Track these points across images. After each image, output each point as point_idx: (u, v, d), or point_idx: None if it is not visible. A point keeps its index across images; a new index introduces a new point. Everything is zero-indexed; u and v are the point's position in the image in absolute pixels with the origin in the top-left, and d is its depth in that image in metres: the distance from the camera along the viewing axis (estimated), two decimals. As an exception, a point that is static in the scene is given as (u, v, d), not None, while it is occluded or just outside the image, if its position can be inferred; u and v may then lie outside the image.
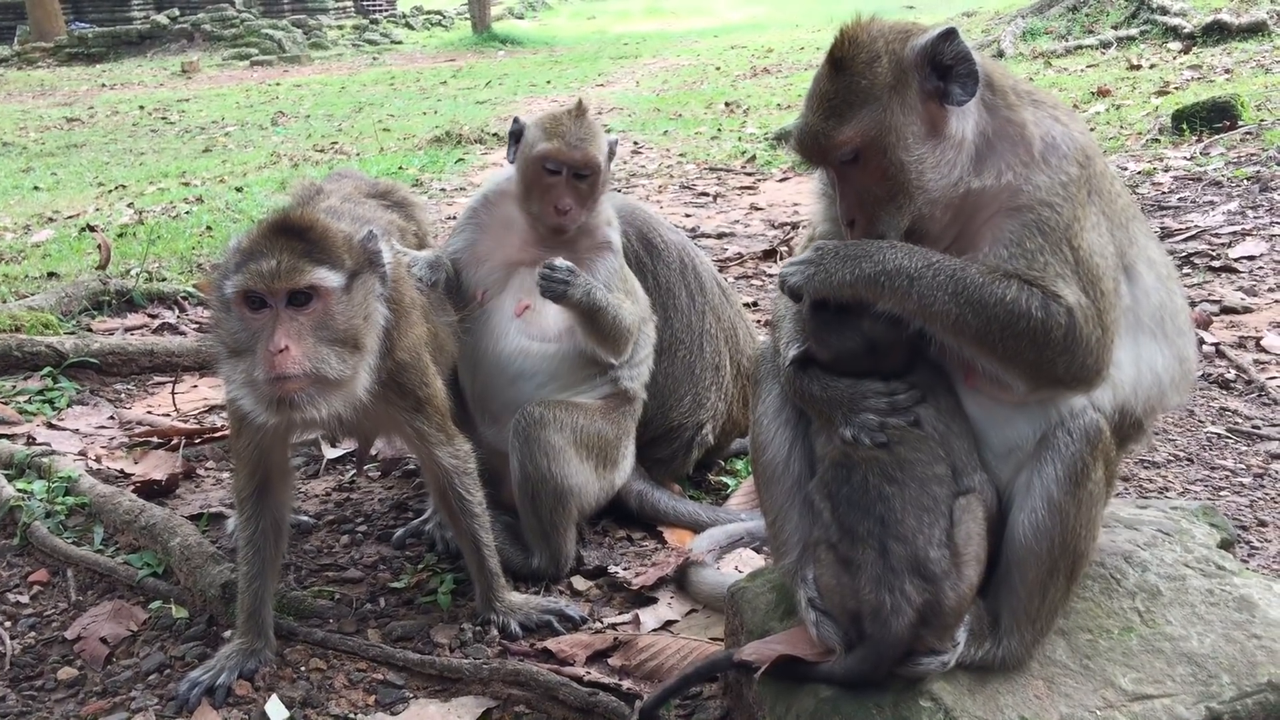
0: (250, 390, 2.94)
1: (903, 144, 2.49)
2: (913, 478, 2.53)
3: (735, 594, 3.08)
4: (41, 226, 10.08)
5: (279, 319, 2.90)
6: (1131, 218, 2.66)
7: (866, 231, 2.58)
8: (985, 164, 2.53)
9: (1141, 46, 17.01)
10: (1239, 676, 2.55)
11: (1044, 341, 2.40)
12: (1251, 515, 3.99)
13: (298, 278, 2.90)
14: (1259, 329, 5.71)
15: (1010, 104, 2.57)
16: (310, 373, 2.90)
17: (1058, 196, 2.47)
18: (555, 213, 3.89)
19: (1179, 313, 2.70)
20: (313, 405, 2.93)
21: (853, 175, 2.57)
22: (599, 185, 3.97)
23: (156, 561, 3.89)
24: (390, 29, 40.93)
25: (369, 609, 3.71)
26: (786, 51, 26.30)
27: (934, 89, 2.51)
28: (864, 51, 2.51)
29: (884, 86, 2.49)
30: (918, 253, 2.48)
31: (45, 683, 3.36)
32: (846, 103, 2.51)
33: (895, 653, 2.48)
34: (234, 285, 2.91)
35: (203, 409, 5.49)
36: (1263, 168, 8.75)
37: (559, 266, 3.71)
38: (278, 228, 2.98)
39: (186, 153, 15.71)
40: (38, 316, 6.17)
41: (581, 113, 3.95)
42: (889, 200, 2.54)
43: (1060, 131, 2.55)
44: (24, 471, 4.54)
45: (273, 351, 2.85)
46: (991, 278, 2.43)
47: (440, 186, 11.45)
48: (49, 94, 26.37)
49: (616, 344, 3.94)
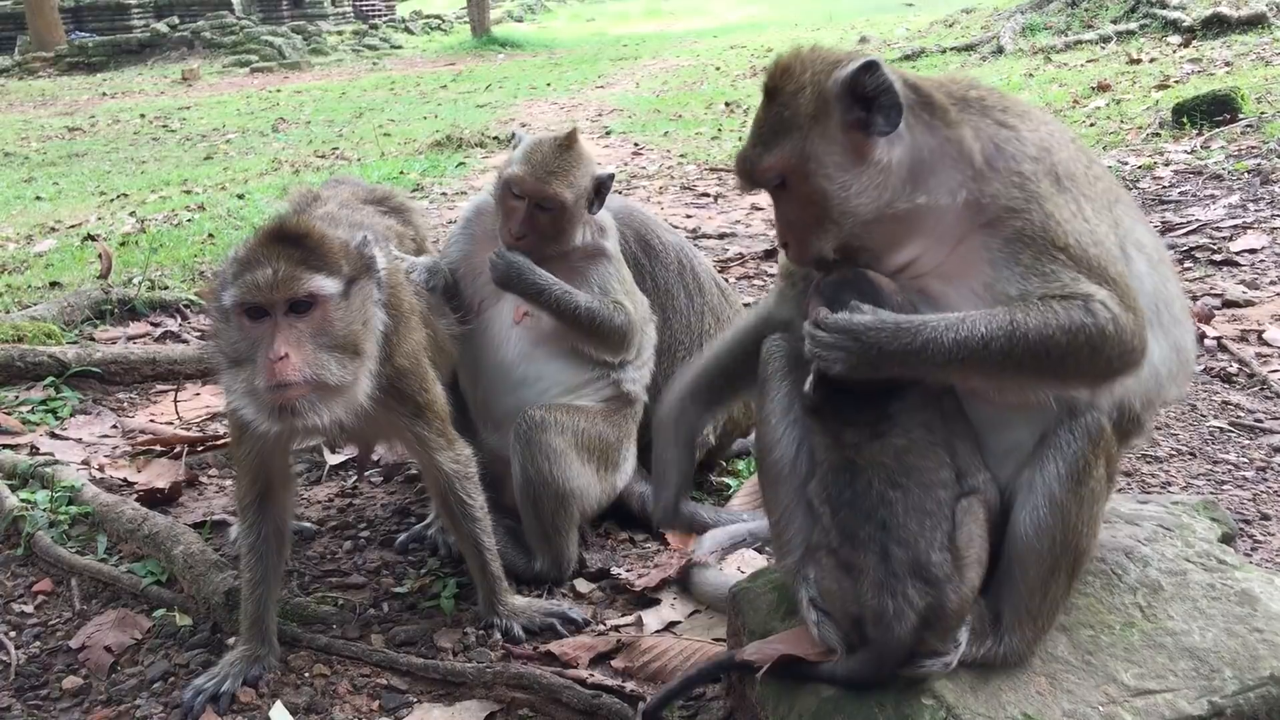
0: (251, 399, 2.94)
1: (823, 172, 2.54)
2: (918, 483, 2.52)
3: (737, 595, 3.08)
4: (44, 236, 10.10)
5: (278, 327, 2.90)
6: (1115, 200, 2.64)
7: (799, 252, 2.68)
8: (926, 184, 2.54)
9: (1141, 41, 17.01)
10: (1241, 670, 2.54)
11: (1100, 343, 2.38)
12: (1254, 509, 3.99)
13: (295, 286, 2.90)
14: (1261, 322, 5.70)
15: (950, 121, 2.57)
16: (311, 380, 2.89)
17: (1017, 200, 2.46)
18: (509, 234, 3.88)
19: (1173, 300, 2.67)
20: (314, 412, 2.93)
21: (783, 200, 2.66)
22: (563, 221, 3.88)
23: (160, 570, 3.90)
24: (390, 34, 40.98)
25: (372, 614, 3.71)
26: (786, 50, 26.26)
27: (856, 120, 2.54)
28: (792, 82, 2.59)
29: (806, 117, 2.56)
30: (951, 320, 2.44)
31: (50, 692, 3.36)
32: (773, 131, 2.60)
33: (898, 656, 2.48)
34: (232, 296, 2.91)
35: (205, 417, 5.49)
36: (1263, 161, 8.73)
37: (502, 255, 3.79)
38: (274, 236, 2.98)
39: (188, 160, 15.74)
40: (40, 326, 6.18)
41: (568, 145, 3.88)
42: (816, 224, 2.60)
43: (1005, 135, 2.54)
44: (27, 481, 4.54)
45: (273, 360, 2.85)
46: (1026, 313, 2.39)
47: (441, 191, 11.46)
48: (50, 103, 26.44)
49: (606, 342, 3.94)
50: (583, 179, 3.90)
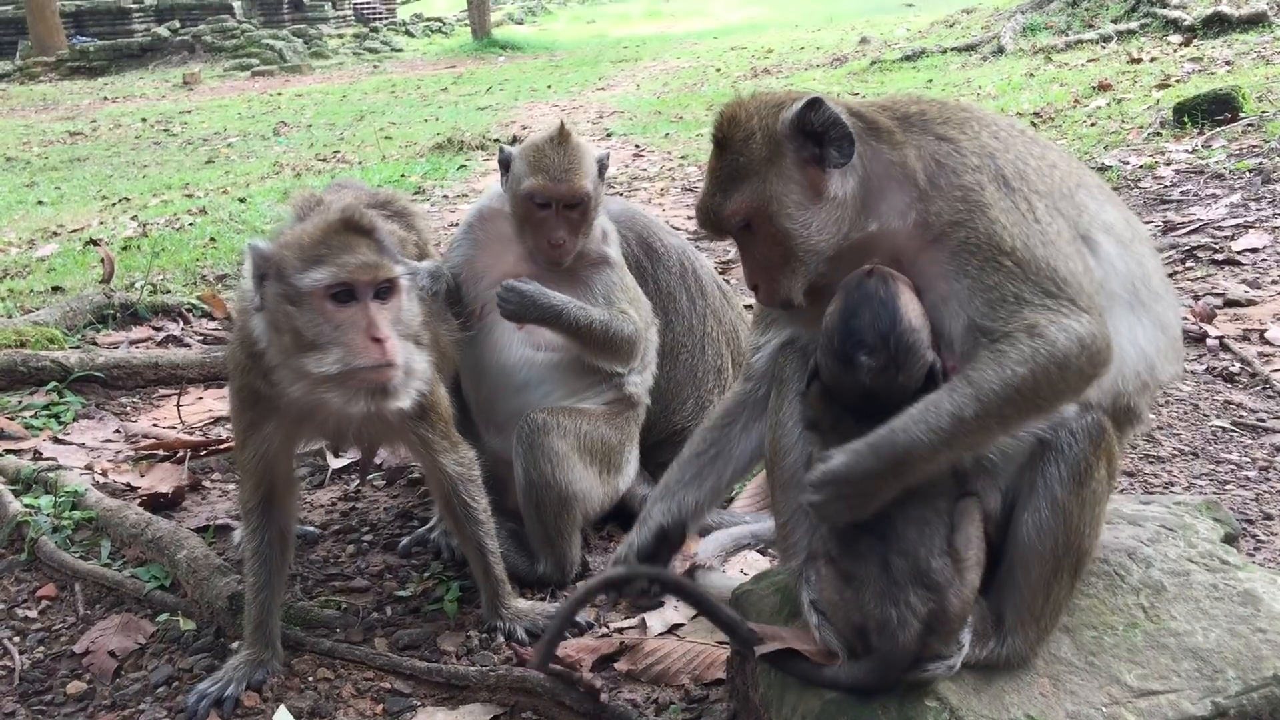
0: (339, 382, 2.97)
1: (784, 212, 2.57)
2: (918, 496, 2.51)
3: (740, 596, 3.08)
4: (46, 241, 10.11)
5: (370, 310, 2.97)
6: (1077, 185, 2.62)
7: (769, 293, 2.68)
8: (877, 209, 2.57)
9: (1142, 40, 17.00)
10: (1244, 671, 2.54)
11: (1064, 362, 2.37)
12: (1257, 509, 3.99)
13: (388, 270, 3.00)
14: (1263, 322, 5.70)
15: (895, 143, 2.58)
16: (405, 363, 3.00)
17: (961, 213, 2.47)
18: (550, 246, 3.88)
19: (1150, 276, 2.65)
20: (405, 394, 3.03)
21: (749, 243, 2.68)
22: (590, 211, 3.93)
23: (164, 574, 3.91)
24: (391, 37, 41.02)
25: (376, 618, 3.72)
26: (786, 52, 26.30)
27: (811, 155, 2.58)
28: (740, 130, 2.62)
29: (761, 160, 2.59)
30: (914, 413, 2.42)
31: (54, 697, 3.37)
32: (730, 178, 2.63)
33: (903, 664, 2.47)
34: (319, 277, 2.95)
35: (208, 421, 5.50)
36: (1265, 159, 8.73)
37: (510, 287, 3.75)
38: (349, 225, 3.06)
39: (189, 164, 15.76)
40: (42, 331, 6.19)
41: (564, 140, 3.89)
42: (784, 264, 2.63)
43: (945, 150, 2.55)
44: (31, 486, 4.55)
45: (381, 338, 2.94)
46: (980, 372, 2.39)
47: (443, 193, 11.47)
48: (51, 108, 26.46)
49: (616, 354, 3.95)
50: (591, 166, 3.94)
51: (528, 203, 3.87)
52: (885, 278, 2.52)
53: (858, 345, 2.49)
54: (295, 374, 3.04)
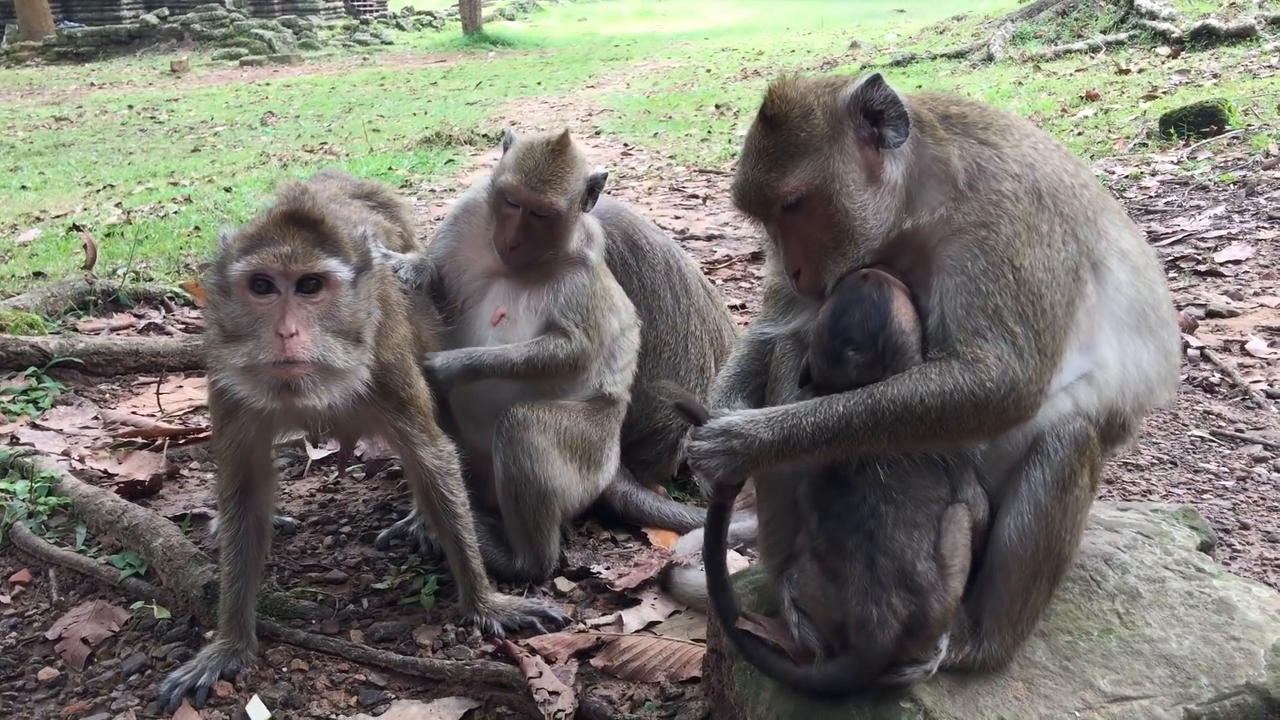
0: (248, 376, 2.94)
1: (845, 191, 2.54)
2: (912, 499, 2.51)
3: (717, 595, 3.07)
4: (28, 226, 10.04)
5: (288, 304, 2.91)
6: (1101, 210, 2.64)
7: (812, 280, 2.62)
8: (916, 204, 2.56)
9: (1130, 51, 17.07)
10: (1217, 678, 2.55)
11: (982, 405, 2.39)
12: (1234, 518, 4.01)
13: (311, 262, 2.92)
14: (1244, 333, 5.74)
15: (938, 139, 2.58)
16: (317, 360, 2.91)
17: (991, 216, 2.47)
18: (504, 245, 3.86)
19: (1159, 304, 2.68)
20: (314, 393, 2.94)
21: (796, 226, 2.61)
22: (559, 227, 3.87)
23: (139, 562, 3.88)
24: (381, 29, 40.89)
25: (352, 610, 3.70)
26: (777, 54, 26.31)
27: (868, 135, 2.56)
28: (796, 107, 2.57)
29: (822, 137, 2.55)
30: (812, 403, 2.46)
31: (26, 683, 3.35)
32: (787, 154, 2.55)
33: (879, 664, 2.47)
34: (243, 267, 2.91)
35: (187, 409, 5.47)
36: (1249, 172, 8.79)
37: (430, 370, 3.69)
38: (290, 217, 3.00)
39: (175, 152, 15.67)
40: (23, 316, 6.14)
41: (560, 149, 3.84)
42: (834, 248, 2.58)
43: (988, 154, 2.55)
44: (7, 471, 4.52)
45: (283, 335, 2.86)
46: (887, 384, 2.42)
47: (430, 187, 11.44)
48: (37, 93, 26.28)
49: (557, 378, 3.93)
50: (576, 184, 3.87)
51: (499, 196, 3.86)
52: (880, 282, 2.54)
53: (846, 342, 2.50)
54: (218, 363, 3.03)
